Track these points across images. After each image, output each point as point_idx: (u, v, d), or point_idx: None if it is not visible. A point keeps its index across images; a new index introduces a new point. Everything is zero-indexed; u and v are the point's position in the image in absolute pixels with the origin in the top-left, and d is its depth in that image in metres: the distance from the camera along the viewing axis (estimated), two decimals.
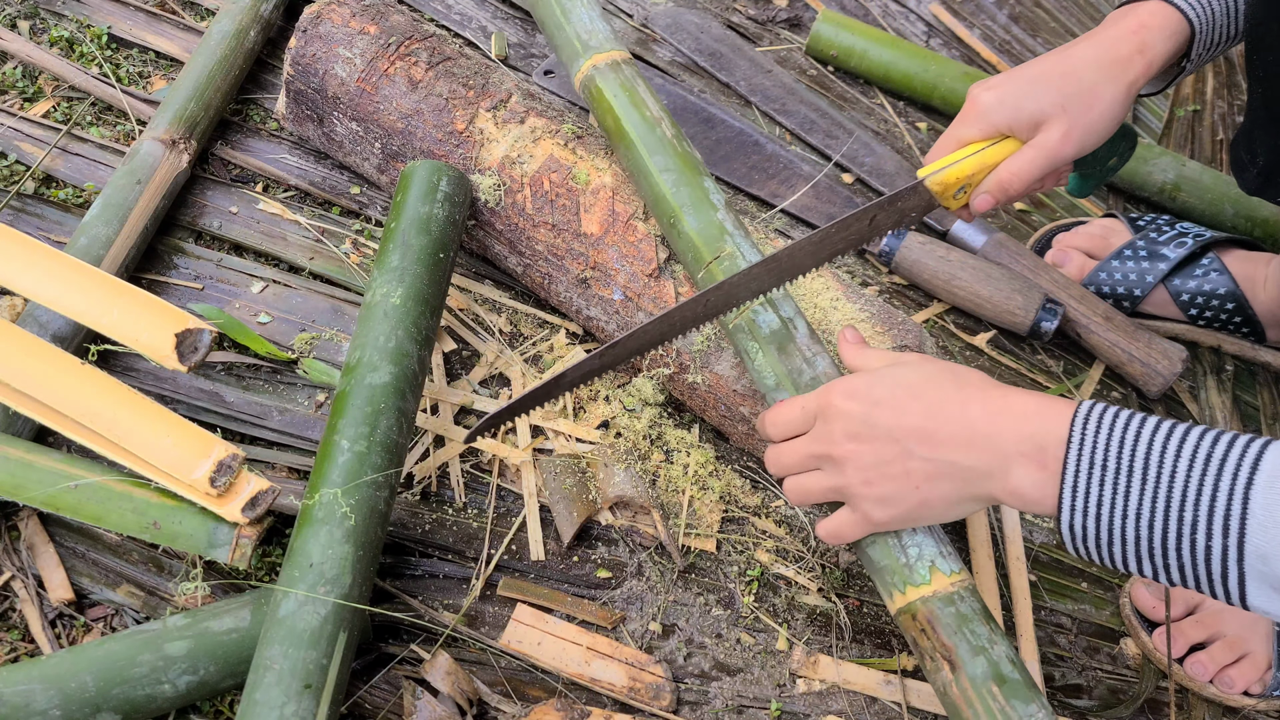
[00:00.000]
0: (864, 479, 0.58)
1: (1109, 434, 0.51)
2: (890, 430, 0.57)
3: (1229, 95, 1.21)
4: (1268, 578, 0.47)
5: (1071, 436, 0.52)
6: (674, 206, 0.71)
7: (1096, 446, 0.51)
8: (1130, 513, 0.50)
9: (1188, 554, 0.49)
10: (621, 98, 0.75)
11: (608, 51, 0.78)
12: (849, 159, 1.03)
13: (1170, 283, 0.93)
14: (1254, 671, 0.74)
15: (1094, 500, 0.51)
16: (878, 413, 0.58)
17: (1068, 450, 0.52)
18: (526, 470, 0.76)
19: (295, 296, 0.82)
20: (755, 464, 0.80)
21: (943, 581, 0.58)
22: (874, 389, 0.59)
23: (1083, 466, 0.51)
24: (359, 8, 0.83)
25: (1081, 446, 0.52)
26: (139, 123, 0.89)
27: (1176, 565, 0.50)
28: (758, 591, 0.74)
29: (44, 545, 0.67)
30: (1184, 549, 0.49)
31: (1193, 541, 0.49)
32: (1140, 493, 0.50)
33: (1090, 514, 0.51)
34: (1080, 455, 0.52)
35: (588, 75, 0.77)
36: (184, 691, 0.59)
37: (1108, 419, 0.52)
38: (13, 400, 0.60)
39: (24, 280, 0.60)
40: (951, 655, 0.56)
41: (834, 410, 0.59)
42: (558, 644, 0.69)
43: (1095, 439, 0.51)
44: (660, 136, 0.74)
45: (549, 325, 0.85)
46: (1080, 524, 0.52)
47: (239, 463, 0.60)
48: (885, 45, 1.09)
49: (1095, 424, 0.52)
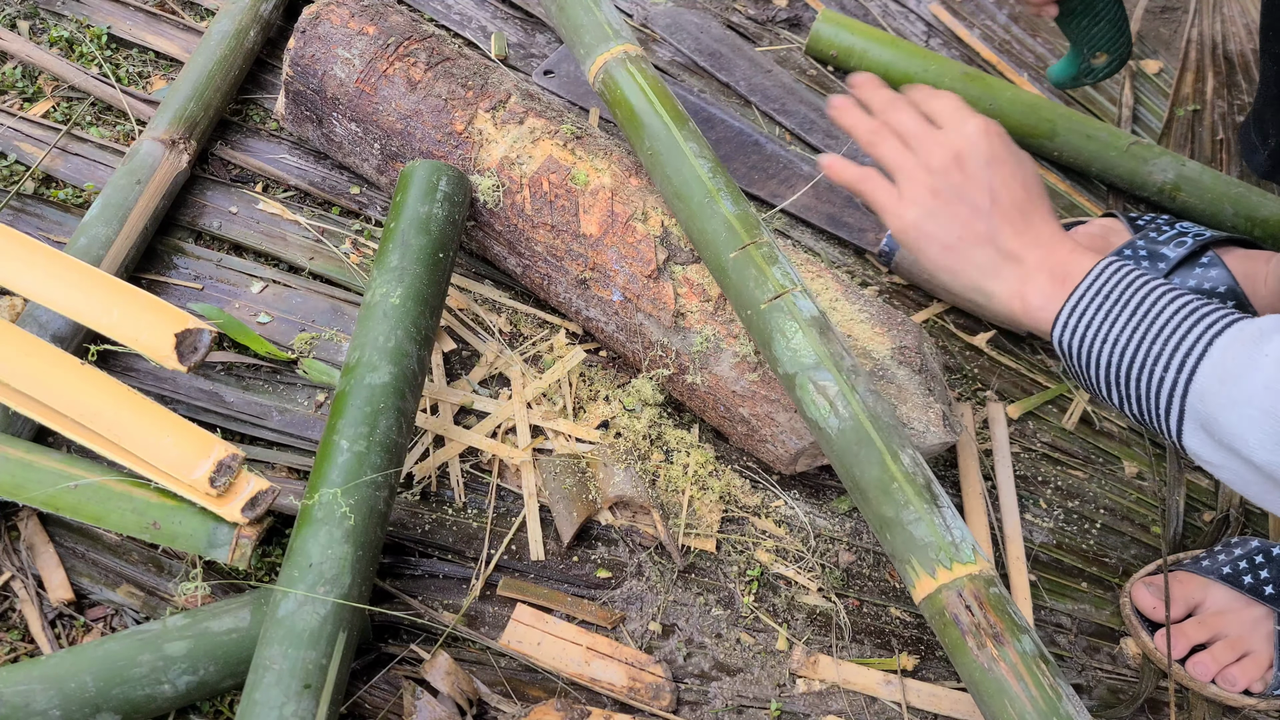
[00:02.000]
0: (934, 190, 0.62)
1: (1122, 276, 0.58)
2: (995, 185, 0.62)
3: (1229, 95, 1.21)
4: (1198, 415, 0.53)
5: (1092, 270, 0.59)
6: (711, 189, 0.71)
7: (1108, 281, 0.58)
8: (1110, 337, 0.57)
9: (1145, 383, 0.55)
10: (653, 86, 0.76)
11: (628, 44, 0.78)
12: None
13: (1170, 282, 0.93)
14: (1256, 670, 0.74)
15: (1085, 320, 0.58)
16: (997, 164, 0.62)
17: (1084, 278, 0.59)
18: (526, 470, 0.76)
19: (295, 296, 0.82)
20: (755, 464, 0.80)
21: (982, 564, 0.59)
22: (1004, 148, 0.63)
23: (1089, 293, 0.58)
24: (358, 8, 0.83)
25: (1096, 279, 0.58)
26: (139, 123, 0.89)
27: (1132, 393, 0.56)
28: (757, 591, 0.74)
29: (44, 545, 0.67)
30: (1143, 378, 0.55)
31: (1150, 371, 0.55)
32: (1125, 323, 0.56)
33: (1078, 333, 0.58)
34: (1091, 285, 0.58)
35: (617, 60, 0.76)
36: (184, 691, 0.59)
37: (1124, 269, 0.58)
38: (13, 400, 0.60)
39: (24, 280, 0.60)
40: (1000, 632, 0.57)
41: (969, 129, 0.63)
42: (558, 644, 0.69)
43: (1111, 276, 0.58)
44: (692, 128, 0.74)
45: (549, 325, 0.85)
46: (1068, 340, 0.59)
47: (239, 463, 0.60)
48: (885, 45, 1.09)
49: (1115, 267, 0.58)
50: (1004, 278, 0.61)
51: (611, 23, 0.78)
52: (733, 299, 0.69)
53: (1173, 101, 1.19)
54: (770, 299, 0.67)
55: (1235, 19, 1.31)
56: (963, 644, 0.57)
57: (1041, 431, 0.89)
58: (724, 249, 0.69)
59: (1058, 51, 1.21)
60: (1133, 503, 0.87)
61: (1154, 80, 1.22)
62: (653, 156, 0.74)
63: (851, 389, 0.64)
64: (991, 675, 0.56)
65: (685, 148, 0.72)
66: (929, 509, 0.60)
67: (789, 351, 0.66)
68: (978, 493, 0.81)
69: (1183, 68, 1.23)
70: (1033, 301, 0.60)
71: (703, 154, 0.73)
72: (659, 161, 0.74)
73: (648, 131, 0.74)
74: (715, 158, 0.73)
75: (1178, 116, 1.18)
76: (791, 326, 0.66)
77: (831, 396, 0.64)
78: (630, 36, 0.78)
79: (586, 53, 0.78)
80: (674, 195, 0.73)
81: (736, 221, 0.70)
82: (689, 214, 0.72)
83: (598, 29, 0.78)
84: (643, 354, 0.77)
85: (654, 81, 0.76)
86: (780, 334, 0.66)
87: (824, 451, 0.66)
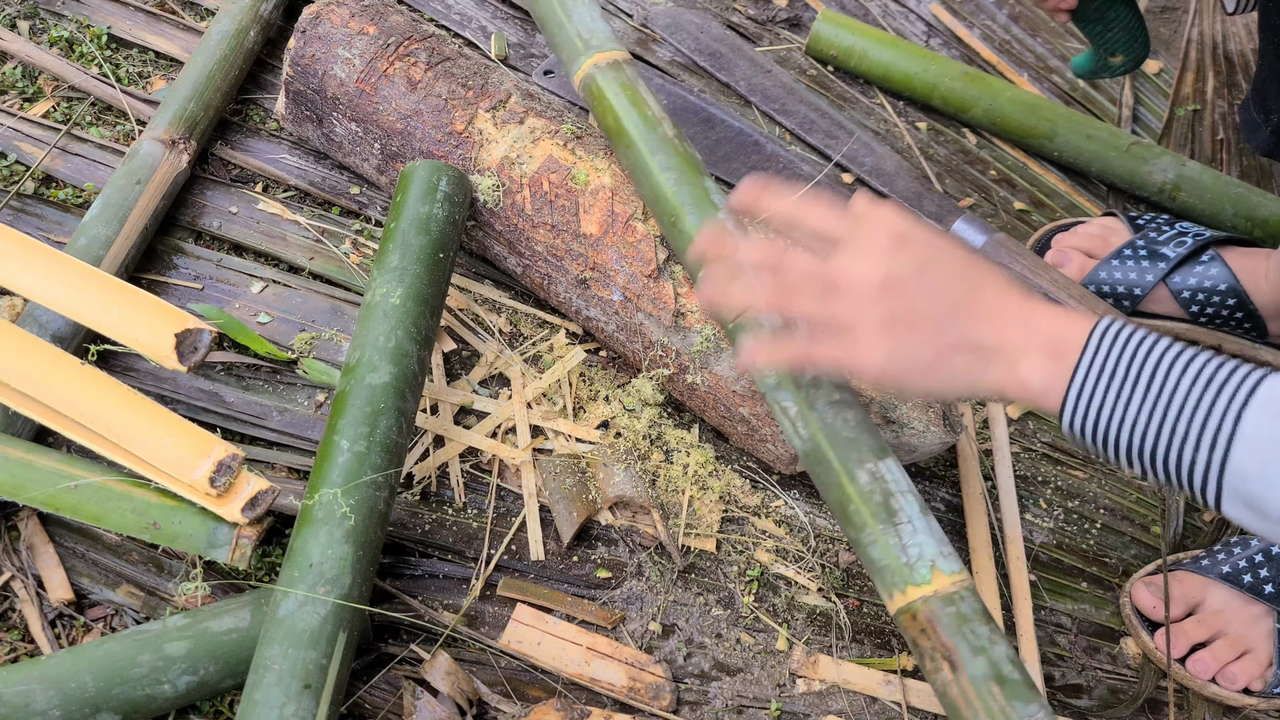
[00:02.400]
0: (884, 328, 0.55)
1: (1124, 346, 0.53)
2: (937, 289, 0.56)
3: (1229, 95, 1.21)
4: (1240, 493, 0.50)
5: (1089, 342, 0.54)
6: (675, 205, 0.71)
7: (1110, 355, 0.53)
8: (1128, 420, 0.52)
9: (1174, 463, 0.52)
10: (622, 97, 0.75)
11: (608, 51, 0.77)
12: (849, 159, 1.03)
13: (1170, 280, 0.93)
14: (1256, 668, 0.74)
15: (1096, 403, 0.53)
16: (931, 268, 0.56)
17: (1082, 353, 0.54)
18: (526, 470, 0.76)
19: (295, 296, 0.82)
20: (755, 464, 0.80)
21: (943, 581, 0.58)
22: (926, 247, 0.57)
23: (1093, 370, 0.53)
24: (358, 8, 0.83)
25: (1096, 352, 0.54)
26: (139, 123, 0.89)
27: (1162, 471, 0.52)
28: (757, 591, 0.74)
29: (44, 545, 0.67)
30: (1171, 459, 0.52)
31: (1180, 453, 0.51)
32: (1141, 402, 0.52)
33: (1090, 416, 0.53)
34: (1093, 360, 0.53)
35: (588, 74, 0.77)
36: (184, 692, 0.59)
37: (1125, 333, 0.54)
38: (13, 400, 0.60)
39: (24, 280, 0.60)
40: (952, 655, 0.56)
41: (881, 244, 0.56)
42: (558, 644, 0.69)
43: (1110, 348, 0.53)
44: (661, 136, 0.74)
45: (549, 325, 0.85)
46: (1080, 424, 0.54)
47: (239, 463, 0.60)
48: (885, 45, 1.09)
49: (1113, 336, 0.54)
50: (995, 371, 0.56)
51: (581, 34, 0.78)
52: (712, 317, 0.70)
53: (1173, 101, 1.19)
54: (735, 318, 0.67)
55: (1235, 19, 1.31)
56: (924, 664, 0.58)
57: (1041, 431, 0.89)
58: (694, 268, 0.70)
59: (1058, 51, 1.21)
60: (1133, 503, 0.87)
61: (1154, 80, 1.22)
62: (630, 169, 0.75)
63: (810, 407, 0.63)
64: (948, 697, 0.56)
65: (651, 162, 0.72)
66: (885, 529, 0.59)
67: (758, 371, 0.66)
68: (978, 493, 0.81)
69: (1183, 68, 1.23)
70: (1034, 386, 0.55)
71: (669, 165, 0.72)
72: (634, 175, 0.75)
73: (620, 146, 0.75)
74: (687, 163, 0.72)
75: (1178, 116, 1.18)
76: None
77: (793, 417, 0.64)
78: (604, 43, 0.78)
79: (569, 66, 0.79)
80: (652, 208, 0.74)
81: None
82: (664, 228, 0.73)
83: (569, 44, 0.79)
84: (643, 354, 0.77)
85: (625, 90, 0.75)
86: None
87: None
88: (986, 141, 1.10)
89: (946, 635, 0.56)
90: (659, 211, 0.72)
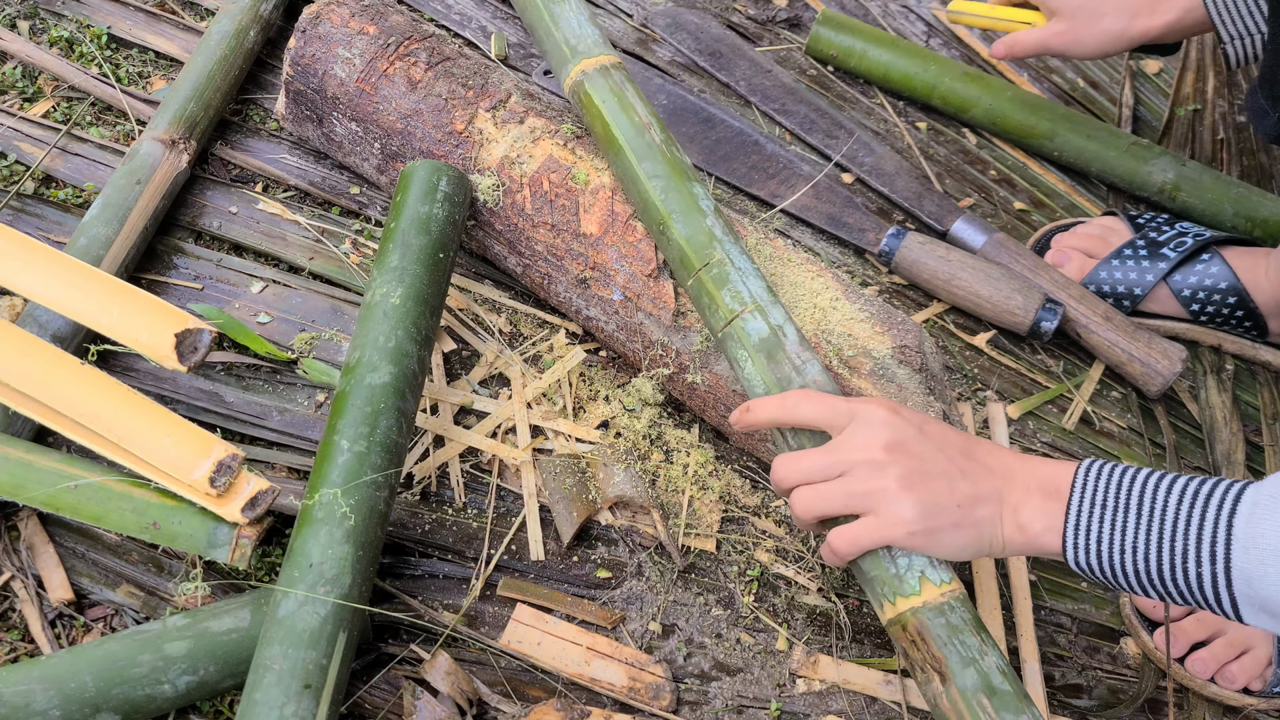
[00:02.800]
0: (904, 484, 0.57)
1: (1108, 479, 0.56)
2: (940, 446, 0.59)
3: (1229, 95, 1.21)
4: (1253, 599, 0.51)
5: (1075, 478, 0.57)
6: (663, 213, 0.70)
7: (1097, 489, 0.56)
8: (1127, 547, 0.55)
9: (1182, 581, 0.53)
10: (610, 103, 0.74)
11: (596, 56, 0.77)
12: (849, 159, 1.03)
13: (1171, 279, 0.93)
14: (1255, 667, 0.74)
15: (1094, 536, 0.56)
16: (929, 429, 0.59)
17: (1071, 492, 0.57)
18: (526, 470, 0.76)
19: (295, 296, 0.82)
20: (755, 464, 0.80)
21: (933, 592, 0.58)
22: (917, 413, 0.60)
23: (1084, 506, 0.56)
24: (358, 8, 0.83)
25: (1084, 489, 0.57)
26: (139, 123, 0.89)
27: (1175, 591, 0.54)
28: (758, 591, 0.74)
29: (44, 545, 0.67)
30: (1178, 577, 0.53)
31: (1185, 570, 0.53)
32: (1135, 528, 0.54)
33: (1092, 549, 0.56)
34: (1083, 496, 0.56)
35: (576, 81, 0.77)
36: (184, 691, 0.59)
37: (1107, 468, 0.57)
38: (13, 400, 0.60)
39: (24, 280, 0.60)
40: (942, 667, 0.56)
41: (878, 418, 0.58)
42: (558, 644, 0.69)
43: (1096, 483, 0.57)
44: (649, 142, 0.73)
45: (549, 325, 0.85)
46: (1084, 559, 0.56)
47: (239, 463, 0.60)
48: (885, 45, 1.09)
49: (1096, 472, 0.57)
50: (1005, 520, 0.58)
51: (569, 40, 0.78)
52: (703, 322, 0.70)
53: (1173, 101, 1.19)
54: (723, 326, 0.67)
55: None
56: (916, 674, 0.58)
57: (1041, 431, 0.89)
58: (683, 276, 0.70)
59: None
60: None
61: (1154, 80, 1.21)
62: (619, 176, 0.75)
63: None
64: (939, 709, 0.56)
65: (639, 170, 0.72)
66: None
67: (746, 382, 0.66)
68: None
69: (1183, 67, 1.23)
70: (1033, 527, 0.57)
71: (657, 172, 0.72)
72: (623, 182, 0.74)
73: (610, 153, 0.75)
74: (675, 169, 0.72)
75: (1178, 116, 1.18)
76: (743, 355, 0.66)
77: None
78: (591, 48, 0.77)
79: (558, 73, 0.79)
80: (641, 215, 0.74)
81: (687, 245, 0.69)
82: (654, 235, 0.73)
83: (558, 51, 0.78)
84: (643, 353, 0.77)
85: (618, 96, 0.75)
86: (736, 363, 0.67)
87: None
88: (986, 141, 1.10)
89: (936, 646, 0.57)
90: (648, 219, 0.72)
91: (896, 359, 0.73)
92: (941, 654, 0.56)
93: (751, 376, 0.66)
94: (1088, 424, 0.91)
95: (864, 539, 0.58)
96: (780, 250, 0.79)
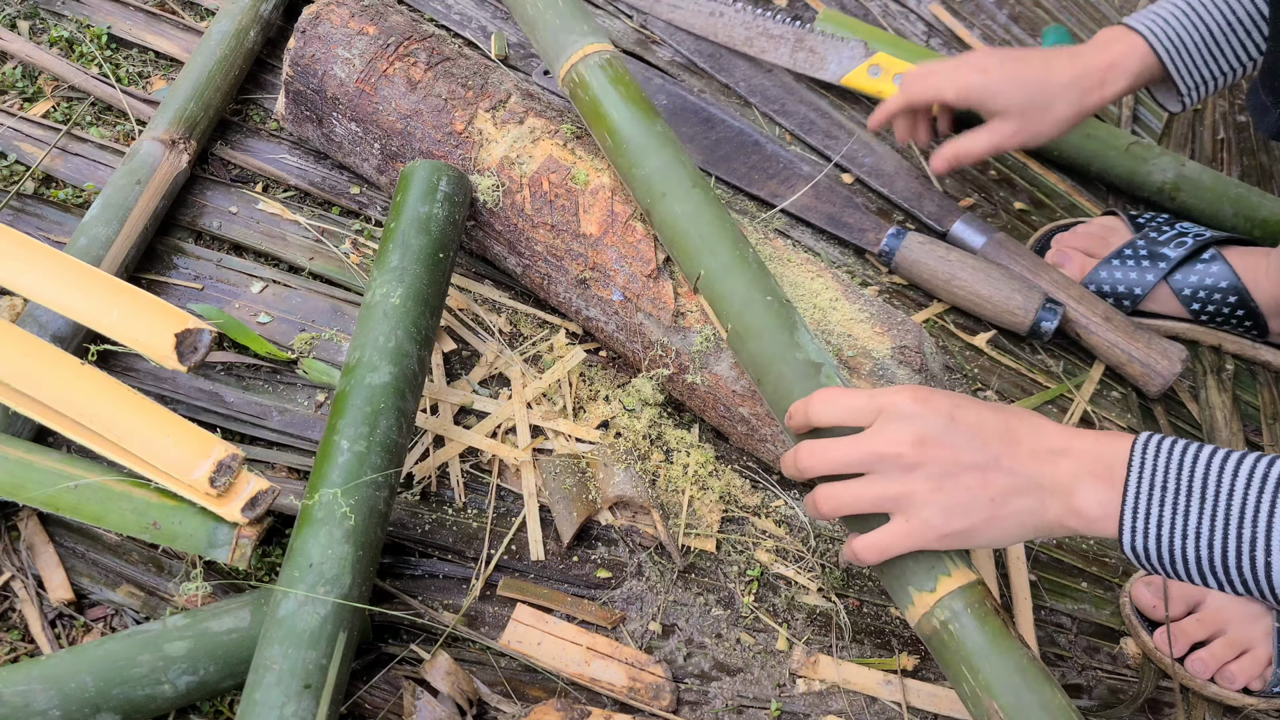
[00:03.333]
0: (934, 485, 0.55)
1: (1168, 457, 0.52)
2: (974, 434, 0.55)
3: (1229, 95, 1.21)
4: None
5: (1132, 459, 0.53)
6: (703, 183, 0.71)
7: (1156, 468, 0.52)
8: (1190, 531, 0.51)
9: (1248, 571, 0.50)
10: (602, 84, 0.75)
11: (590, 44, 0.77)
12: (849, 159, 1.03)
13: (1172, 279, 0.93)
14: (1255, 667, 0.74)
15: (1154, 520, 0.52)
16: (960, 415, 0.56)
17: (1129, 472, 0.53)
18: (526, 470, 0.76)
19: (295, 296, 0.82)
20: (755, 464, 0.80)
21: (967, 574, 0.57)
22: (949, 398, 0.57)
23: (1143, 488, 0.52)
24: (358, 8, 0.83)
25: (1142, 469, 0.53)
26: (139, 123, 0.89)
27: (1239, 580, 0.51)
28: (758, 591, 0.74)
29: (44, 545, 0.67)
30: (1244, 565, 0.50)
31: (1252, 558, 0.50)
32: (1200, 512, 0.51)
33: (1151, 534, 0.52)
34: (1141, 477, 0.52)
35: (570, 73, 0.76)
36: (184, 691, 0.59)
37: (1166, 444, 0.53)
38: (13, 400, 0.60)
39: (24, 280, 0.60)
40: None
41: (906, 410, 0.56)
42: (558, 644, 0.69)
43: (1155, 461, 0.53)
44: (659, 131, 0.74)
45: (549, 325, 0.85)
46: (1142, 544, 0.52)
47: (239, 463, 0.60)
48: (885, 45, 1.09)
49: (1155, 448, 0.53)
50: (1053, 506, 0.54)
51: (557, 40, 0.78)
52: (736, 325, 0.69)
53: None
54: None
55: None
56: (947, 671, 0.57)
57: None
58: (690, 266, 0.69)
59: None
60: None
61: None
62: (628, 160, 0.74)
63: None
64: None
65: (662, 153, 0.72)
66: None
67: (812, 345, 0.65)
68: None
69: None
70: (1090, 512, 0.53)
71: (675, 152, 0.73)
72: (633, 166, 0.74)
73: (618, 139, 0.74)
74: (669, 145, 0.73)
75: (1178, 116, 1.18)
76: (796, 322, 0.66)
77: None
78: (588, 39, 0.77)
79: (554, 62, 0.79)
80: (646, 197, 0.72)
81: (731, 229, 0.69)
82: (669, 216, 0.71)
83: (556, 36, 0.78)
84: (643, 354, 0.77)
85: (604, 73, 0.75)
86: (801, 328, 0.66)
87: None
88: None
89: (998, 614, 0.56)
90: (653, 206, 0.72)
91: (896, 359, 0.73)
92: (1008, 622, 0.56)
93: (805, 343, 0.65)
94: (1088, 424, 0.91)
95: (893, 547, 0.57)
96: (780, 250, 0.79)
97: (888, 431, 0.56)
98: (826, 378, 0.63)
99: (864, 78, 1.04)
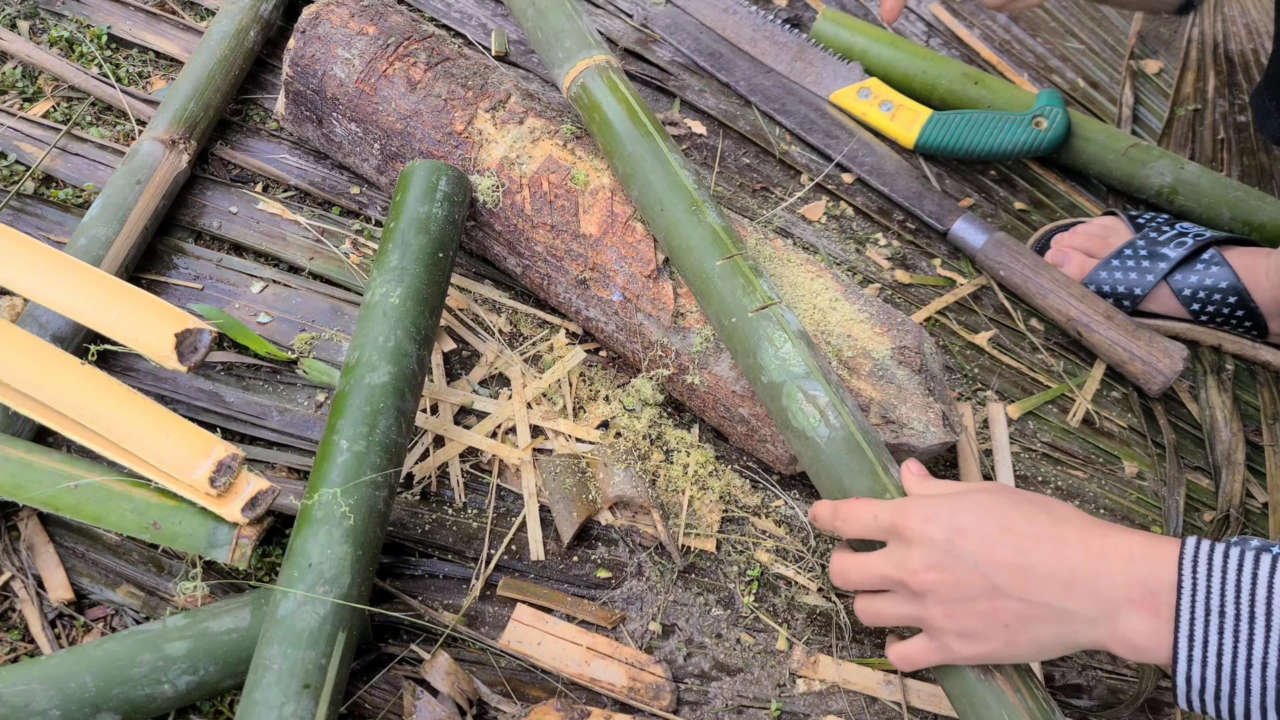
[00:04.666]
0: (945, 612, 0.54)
1: (1223, 576, 0.48)
2: (976, 562, 0.53)
3: (1229, 95, 1.21)
4: None
5: (1182, 581, 0.48)
6: (697, 199, 0.71)
7: (1211, 591, 0.48)
8: (1255, 661, 0.47)
9: None
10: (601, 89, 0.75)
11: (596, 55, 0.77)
12: (849, 159, 1.03)
13: (1172, 279, 0.93)
14: None
15: (1214, 650, 0.47)
16: (962, 541, 0.53)
17: (1179, 596, 0.48)
18: (526, 470, 0.76)
19: (295, 296, 0.82)
20: (755, 464, 0.80)
21: None
22: (957, 515, 0.54)
23: (1198, 614, 0.48)
24: (358, 8, 0.83)
25: (1195, 592, 0.48)
26: (139, 123, 0.89)
27: None
28: (758, 591, 0.74)
29: (44, 545, 0.67)
30: None
31: None
32: (1265, 640, 0.46)
33: (1210, 664, 0.48)
34: (1195, 601, 0.48)
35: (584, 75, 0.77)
36: (184, 691, 0.59)
37: (1218, 559, 0.48)
38: (13, 400, 0.60)
39: (24, 280, 0.60)
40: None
41: (911, 533, 0.55)
42: (558, 644, 0.69)
43: (1209, 582, 0.48)
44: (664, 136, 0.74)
45: (549, 325, 0.85)
46: (1199, 674, 0.48)
47: (239, 463, 0.60)
48: (885, 45, 1.09)
49: (1206, 565, 0.48)
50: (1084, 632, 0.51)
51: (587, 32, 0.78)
52: (713, 307, 0.70)
53: (1173, 101, 1.19)
54: (758, 308, 0.67)
55: (1235, 18, 1.31)
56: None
57: (1041, 431, 0.89)
58: (708, 257, 0.70)
59: (1058, 52, 1.21)
60: (1133, 503, 0.87)
61: (1154, 80, 1.21)
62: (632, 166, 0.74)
63: (841, 401, 0.65)
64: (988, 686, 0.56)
65: (670, 158, 0.73)
66: None
67: (777, 360, 0.66)
68: None
69: (1183, 67, 1.23)
70: (1140, 644, 0.49)
71: (687, 165, 0.73)
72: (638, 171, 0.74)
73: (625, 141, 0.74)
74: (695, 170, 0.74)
75: (1178, 116, 1.18)
76: (780, 336, 0.66)
77: (822, 406, 0.64)
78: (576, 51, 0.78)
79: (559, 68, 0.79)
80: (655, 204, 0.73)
81: (724, 233, 0.70)
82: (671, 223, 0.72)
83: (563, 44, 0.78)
84: (643, 354, 0.77)
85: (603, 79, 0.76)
86: (768, 342, 0.66)
87: (805, 463, 0.66)
88: None
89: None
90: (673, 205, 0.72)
91: (896, 360, 0.73)
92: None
93: (789, 356, 0.66)
94: (1088, 423, 0.91)
95: (920, 661, 0.57)
96: (780, 250, 0.79)
97: (896, 557, 0.56)
98: (789, 397, 0.65)
99: (853, 98, 1.06)
